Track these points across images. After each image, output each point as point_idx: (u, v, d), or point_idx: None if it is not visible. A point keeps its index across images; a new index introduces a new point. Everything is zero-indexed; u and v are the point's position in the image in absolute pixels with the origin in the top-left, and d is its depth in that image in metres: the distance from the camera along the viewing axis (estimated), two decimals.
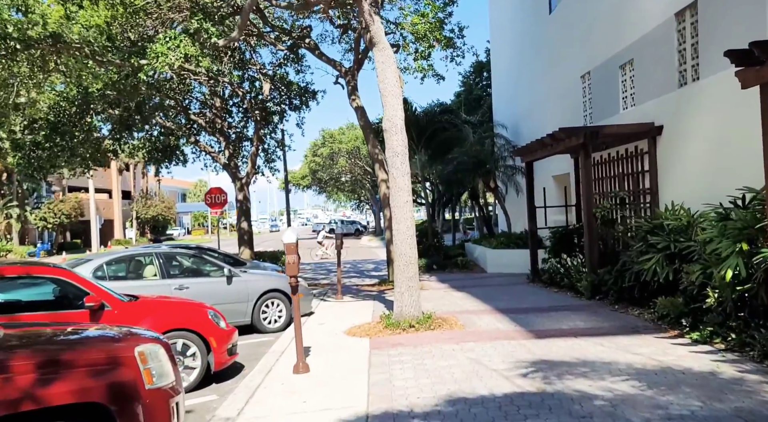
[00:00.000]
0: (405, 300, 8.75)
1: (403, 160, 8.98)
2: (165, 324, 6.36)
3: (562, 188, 16.11)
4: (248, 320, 9.83)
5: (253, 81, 19.93)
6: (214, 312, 6.95)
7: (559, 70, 16.50)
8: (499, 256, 17.88)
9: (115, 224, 69.56)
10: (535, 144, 13.09)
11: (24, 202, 51.49)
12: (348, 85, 16.35)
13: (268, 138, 22.01)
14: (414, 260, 8.88)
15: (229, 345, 6.91)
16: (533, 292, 12.74)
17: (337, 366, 6.78)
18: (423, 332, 8.30)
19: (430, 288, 14.55)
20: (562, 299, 11.27)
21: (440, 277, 17.33)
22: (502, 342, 7.52)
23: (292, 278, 6.49)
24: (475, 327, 8.71)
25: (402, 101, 9.14)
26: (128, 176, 71.17)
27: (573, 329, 8.27)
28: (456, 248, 22.50)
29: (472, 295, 12.56)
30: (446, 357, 6.89)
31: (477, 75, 42.34)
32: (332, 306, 12.01)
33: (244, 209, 18.83)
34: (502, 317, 9.50)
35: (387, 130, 9.08)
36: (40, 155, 11.51)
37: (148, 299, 6.82)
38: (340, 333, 8.72)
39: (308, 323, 9.89)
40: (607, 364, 6.22)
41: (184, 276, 9.47)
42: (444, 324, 8.73)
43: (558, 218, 16.15)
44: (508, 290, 13.38)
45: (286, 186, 25.82)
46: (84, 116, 11.16)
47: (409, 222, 8.92)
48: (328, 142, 54.13)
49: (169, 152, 20.80)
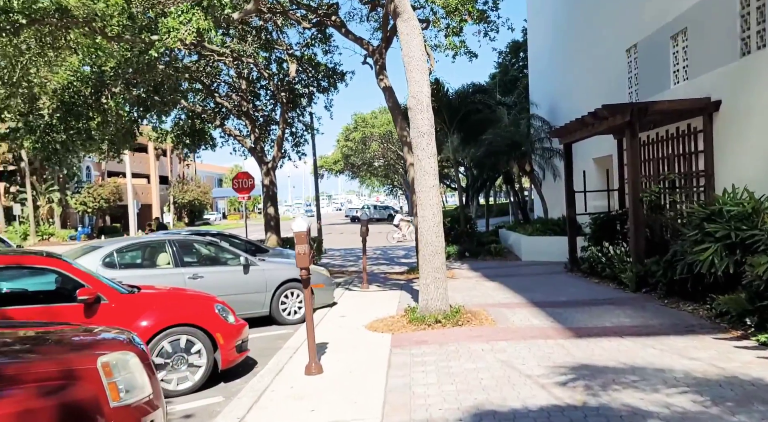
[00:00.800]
0: (431, 293, 8.07)
1: (429, 140, 8.24)
2: (167, 319, 5.85)
3: (604, 172, 15.09)
4: (266, 311, 9.32)
5: (281, 62, 19.36)
6: (222, 306, 6.41)
7: (601, 44, 15.39)
8: (534, 243, 16.98)
9: (153, 209, 70.73)
10: (575, 124, 12.14)
11: (65, 187, 52.59)
12: (376, 65, 15.61)
13: (295, 121, 21.49)
14: (441, 249, 8.17)
15: (239, 341, 6.37)
16: (572, 283, 11.88)
17: (353, 366, 6.16)
18: (450, 328, 7.61)
19: (460, 277, 13.84)
20: (603, 292, 10.41)
21: (472, 265, 16.57)
22: (538, 342, 6.78)
23: (302, 271, 5.88)
24: (508, 322, 7.97)
25: (428, 76, 8.37)
26: (165, 161, 72.04)
27: (618, 326, 7.46)
28: (489, 234, 21.62)
29: (505, 285, 11.79)
30: (474, 358, 6.20)
31: (513, 56, 40.96)
32: (357, 296, 11.42)
33: (270, 194, 18.37)
34: (537, 311, 8.72)
35: (411, 108, 8.34)
36: (54, 138, 11.17)
37: (150, 292, 6.31)
38: (361, 328, 8.10)
39: (329, 315, 9.31)
40: (660, 371, 5.43)
41: (199, 265, 8.98)
42: (473, 318, 8.02)
43: (598, 204, 15.16)
44: (544, 280, 12.54)
45: (315, 171, 25.26)
46: (100, 97, 10.74)
47: (435, 208, 8.20)
48: (360, 126, 53.44)
49: (198, 135, 20.48)
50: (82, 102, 10.69)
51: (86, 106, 10.76)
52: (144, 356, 3.46)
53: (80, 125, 11.01)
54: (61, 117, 10.67)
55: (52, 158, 11.74)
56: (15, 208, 45.61)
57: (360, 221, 13.16)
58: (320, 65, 19.38)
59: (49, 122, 10.83)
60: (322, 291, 9.93)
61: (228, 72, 19.17)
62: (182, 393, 5.86)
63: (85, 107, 10.77)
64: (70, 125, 10.90)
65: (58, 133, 10.98)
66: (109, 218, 60.72)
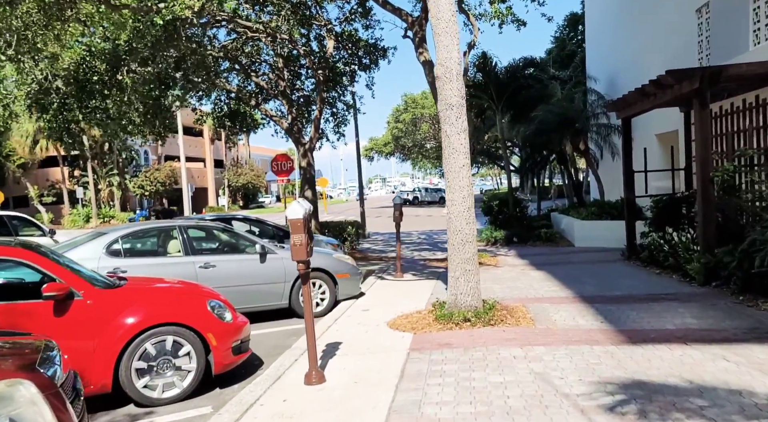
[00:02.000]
0: (460, 287, 7.11)
1: (459, 114, 7.21)
2: (149, 318, 5.17)
3: (668, 149, 13.56)
4: (285, 303, 8.60)
5: (321, 40, 18.55)
6: (217, 302, 5.70)
7: (667, 5, 13.76)
8: (588, 228, 15.63)
9: (209, 192, 72.18)
10: (634, 95, 10.77)
11: (123, 170, 54.11)
12: (415, 38, 14.53)
13: (336, 101, 20.70)
14: (471, 237, 7.18)
15: (236, 342, 5.65)
16: (628, 273, 10.62)
17: (361, 375, 5.32)
18: (480, 328, 6.64)
19: (504, 265, 12.76)
20: (665, 285, 9.15)
21: (520, 251, 15.42)
22: (582, 348, 5.74)
23: (300, 265, 5.06)
24: (549, 322, 6.93)
25: (458, 41, 7.31)
26: (220, 145, 73.13)
27: (681, 330, 6.30)
28: (541, 218, 20.29)
29: (552, 276, 10.67)
30: (503, 368, 5.24)
31: (571, 29, 38.76)
32: (388, 286, 10.57)
33: (307, 176, 17.68)
34: (585, 308, 7.62)
35: (439, 77, 7.33)
36: (67, 117, 10.77)
37: (135, 285, 5.65)
38: (382, 325, 7.25)
39: (351, 309, 8.50)
40: (736, 394, 4.33)
41: (211, 253, 8.34)
42: (509, 316, 7.02)
43: (661, 185, 13.70)
44: (597, 269, 11.32)
45: (358, 153, 24.45)
46: (115, 74, 10.24)
47: (465, 191, 7.20)
48: (411, 107, 52.28)
49: (240, 117, 20.04)
50: (97, 79, 10.20)
51: (101, 83, 10.29)
52: (48, 385, 2.72)
53: (96, 104, 10.56)
54: (74, 95, 10.25)
55: (63, 137, 11.36)
56: (78, 191, 47.26)
57: (396, 204, 12.24)
58: (360, 41, 18.45)
59: (63, 101, 10.44)
60: (346, 281, 9.15)
61: (267, 51, 18.53)
62: (169, 402, 5.19)
63: (100, 85, 10.30)
64: (84, 104, 10.46)
65: (71, 111, 10.57)
66: (166, 201, 62.33)
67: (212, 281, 7.85)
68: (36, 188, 50.54)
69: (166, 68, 11.23)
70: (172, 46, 9.87)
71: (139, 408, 5.12)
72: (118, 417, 5.00)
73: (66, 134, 11.18)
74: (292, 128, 17.62)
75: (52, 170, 53.10)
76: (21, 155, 49.37)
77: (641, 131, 15.21)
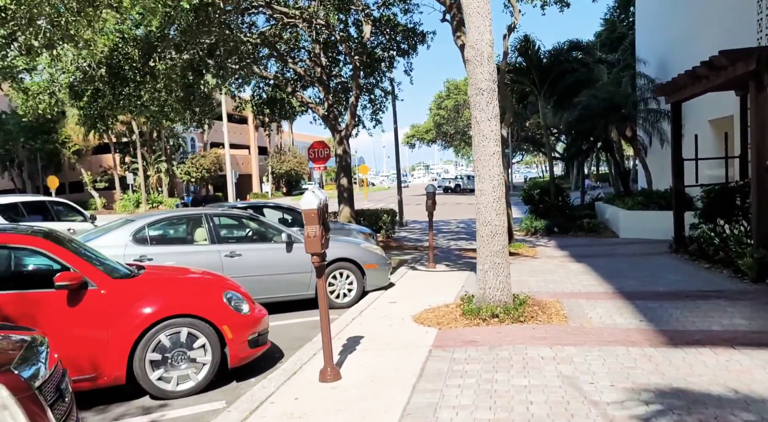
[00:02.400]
0: (489, 281, 6.78)
1: (490, 99, 6.84)
2: (165, 309, 5.06)
3: (721, 136, 12.75)
4: (312, 293, 8.43)
5: (359, 25, 18.27)
6: (234, 293, 5.56)
7: None
8: (634, 218, 14.94)
9: (253, 179, 73.27)
10: (684, 78, 10.09)
11: (171, 157, 55.43)
12: (453, 21, 14.07)
13: (374, 88, 20.42)
14: (501, 229, 6.83)
15: (254, 335, 5.51)
16: (675, 267, 10.04)
17: (379, 372, 5.10)
18: (508, 325, 6.31)
19: (543, 256, 12.31)
20: (714, 281, 8.57)
21: (560, 242, 14.89)
22: (617, 350, 5.35)
23: (314, 257, 4.85)
24: (584, 319, 6.53)
25: (490, 21, 6.91)
26: (264, 132, 73.94)
27: (729, 331, 5.82)
28: (584, 207, 19.59)
29: (592, 268, 10.19)
30: (529, 369, 4.92)
31: (622, 11, 37.22)
32: (419, 277, 10.31)
33: (343, 164, 17.51)
34: (624, 305, 7.18)
35: (470, 60, 6.96)
36: (100, 103, 10.84)
37: (151, 275, 5.57)
38: (407, 319, 7.00)
39: (378, 301, 8.28)
40: None
41: (237, 242, 8.24)
42: (541, 312, 6.66)
43: (714, 173, 12.92)
44: (641, 263, 10.76)
45: (396, 140, 24.15)
46: (148, 61, 10.22)
47: (496, 180, 6.84)
48: (453, 93, 51.50)
49: (278, 104, 20.03)
50: (130, 66, 10.20)
51: (134, 70, 10.29)
52: (22, 388, 2.58)
53: (129, 90, 10.59)
54: (108, 81, 10.30)
55: (97, 124, 11.44)
56: (128, 177, 48.71)
57: (429, 193, 11.94)
58: (399, 26, 18.09)
59: (97, 87, 10.52)
60: (374, 272, 8.93)
61: (304, 37, 18.39)
62: (183, 395, 5.09)
63: (132, 71, 10.30)
64: (117, 90, 10.51)
65: (104, 98, 10.65)
66: (212, 187, 63.63)
67: (237, 270, 7.78)
68: (90, 174, 52.36)
69: (199, 55, 11.17)
70: (203, 32, 9.77)
71: (154, 401, 5.04)
72: (131, 409, 4.93)
73: (99, 121, 11.26)
74: (329, 115, 17.46)
75: (105, 157, 54.93)
76: (75, 142, 51.19)
77: (693, 116, 14.37)
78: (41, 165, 51.19)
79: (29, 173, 51.59)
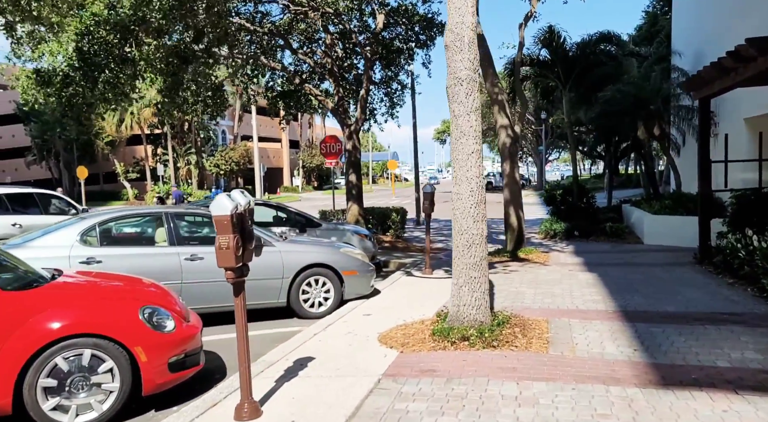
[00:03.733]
0: (464, 297, 5.98)
1: (470, 90, 6.01)
2: (65, 327, 4.38)
3: (756, 136, 11.54)
4: (283, 301, 7.79)
5: (374, 14, 17.51)
6: (155, 308, 4.90)
7: None
8: (660, 223, 13.79)
9: (284, 172, 73.42)
10: (711, 70, 9.01)
11: (200, 150, 55.85)
12: None
13: (392, 81, 19.63)
14: (479, 239, 6.01)
15: (177, 357, 4.84)
16: (694, 281, 9.00)
17: (308, 408, 4.37)
18: (478, 350, 5.49)
19: (553, 264, 11.37)
20: (734, 301, 7.55)
21: (578, 247, 13.87)
22: (595, 389, 4.50)
23: (227, 272, 4.14)
24: (567, 346, 5.66)
25: (474, 2, 6.07)
26: (296, 125, 73.98)
27: (736, 369, 4.89)
28: (610, 210, 18.38)
29: (602, 280, 9.24)
30: (482, 413, 4.12)
31: (666, 1, 35.40)
32: (411, 284, 9.54)
33: (352, 159, 16.82)
34: (622, 328, 6.27)
35: (449, 46, 6.14)
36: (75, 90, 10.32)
37: (60, 284, 4.95)
38: (373, 337, 6.24)
39: (353, 312, 7.55)
40: None
41: (201, 243, 7.60)
42: (521, 335, 5.82)
43: (748, 177, 11.74)
44: (659, 274, 9.73)
45: (415, 135, 23.30)
46: (124, 45, 9.62)
47: (474, 183, 6.01)
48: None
49: (293, 97, 19.45)
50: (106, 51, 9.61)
51: (109, 55, 9.70)
52: None
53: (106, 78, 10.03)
54: (78, 68, 9.79)
55: (68, 113, 10.92)
56: (159, 169, 49.25)
57: (426, 193, 11.16)
58: (415, 16, 17.24)
59: (67, 73, 10.03)
60: (354, 279, 8.21)
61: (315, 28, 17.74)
62: None
63: (107, 57, 9.71)
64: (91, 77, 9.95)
65: (77, 84, 10.12)
66: (242, 180, 63.93)
67: (198, 274, 7.19)
68: (122, 165, 53.18)
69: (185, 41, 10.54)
70: (186, 16, 9.15)
71: None
72: None
73: (69, 110, 10.75)
74: (338, 109, 16.78)
75: (137, 148, 55.77)
76: (108, 133, 52.02)
77: (728, 114, 13.16)
78: (77, 155, 52.23)
79: (66, 162, 52.73)
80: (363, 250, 11.32)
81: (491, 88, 12.91)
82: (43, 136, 50.80)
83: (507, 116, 12.84)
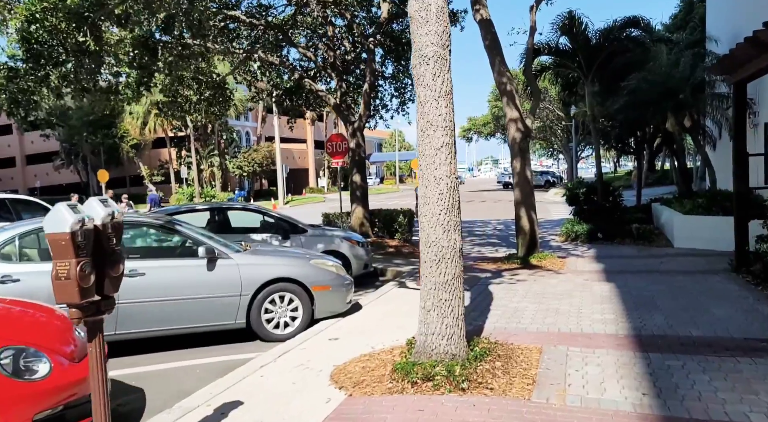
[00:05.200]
0: (431, 325, 4.87)
1: (438, 70, 4.90)
2: None
3: None
4: (242, 322, 6.78)
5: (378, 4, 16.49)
6: (22, 347, 3.89)
7: None
8: (692, 224, 12.39)
9: (309, 173, 72.95)
10: (745, 48, 7.68)
11: (224, 151, 55.67)
12: None
13: (404, 76, 18.55)
14: (451, 253, 4.89)
15: (49, 411, 3.83)
16: (727, 294, 7.68)
17: None
18: (442, 395, 4.38)
19: (569, 271, 10.16)
20: None
21: (600, 251, 12.55)
22: None
23: (72, 311, 3.10)
24: (557, 390, 4.50)
25: None
26: (322, 125, 73.51)
27: None
28: (638, 210, 16.90)
29: (619, 292, 8.02)
30: None
31: None
32: (399, 298, 8.45)
33: (356, 159, 15.80)
34: (632, 359, 5.07)
35: (413, 16, 5.04)
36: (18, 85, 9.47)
37: None
38: (326, 372, 5.18)
39: (319, 336, 6.51)
40: None
41: (142, 257, 6.66)
42: (501, 373, 4.68)
43: None
44: (686, 285, 8.42)
45: None
46: (78, 34, 8.74)
47: (443, 184, 4.90)
48: None
49: (301, 93, 18.57)
50: (58, 41, 8.75)
51: (60, 46, 8.85)
52: None
53: (59, 71, 9.14)
54: (25, 60, 8.98)
55: (13, 109, 10.14)
56: (183, 171, 49.23)
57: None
58: None
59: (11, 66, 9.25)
60: (327, 295, 7.16)
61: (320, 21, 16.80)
62: None
63: (58, 48, 8.85)
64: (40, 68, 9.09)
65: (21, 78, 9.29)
66: (266, 181, 63.63)
67: (138, 293, 6.26)
68: (147, 168, 53.36)
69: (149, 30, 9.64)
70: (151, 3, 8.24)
71: None
72: None
73: (14, 105, 9.95)
74: (341, 105, 15.80)
75: (162, 151, 55.94)
76: (133, 136, 52.26)
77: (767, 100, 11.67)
78: (104, 159, 52.63)
79: (93, 166, 53.17)
80: (355, 257, 10.35)
81: (499, 77, 11.72)
82: (71, 140, 51.32)
83: (517, 108, 11.63)
